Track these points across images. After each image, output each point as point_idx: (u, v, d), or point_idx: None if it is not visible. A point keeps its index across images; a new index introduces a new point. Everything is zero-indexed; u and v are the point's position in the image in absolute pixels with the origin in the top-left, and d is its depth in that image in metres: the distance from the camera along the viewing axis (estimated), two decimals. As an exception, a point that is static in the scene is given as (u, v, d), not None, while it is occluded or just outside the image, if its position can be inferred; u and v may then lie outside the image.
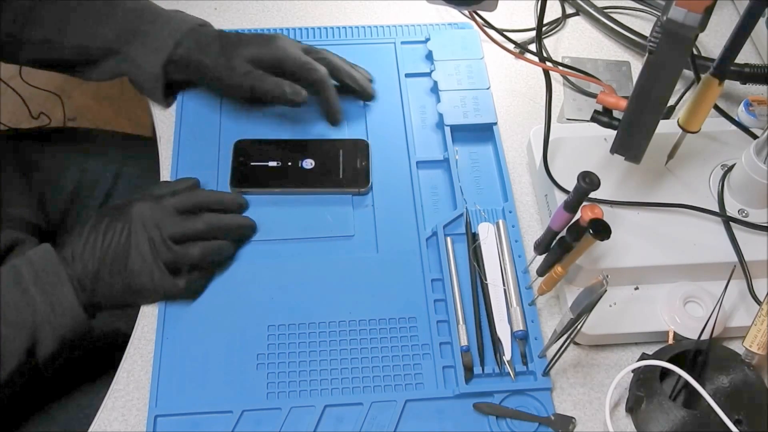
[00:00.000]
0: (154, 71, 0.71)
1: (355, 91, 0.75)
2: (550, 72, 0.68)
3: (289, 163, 0.71)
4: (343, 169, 0.71)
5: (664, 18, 0.50)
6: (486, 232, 0.67)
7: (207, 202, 0.66)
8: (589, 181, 0.51)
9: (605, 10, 0.84)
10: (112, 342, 0.68)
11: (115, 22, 0.71)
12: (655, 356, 0.58)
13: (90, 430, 0.58)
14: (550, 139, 0.67)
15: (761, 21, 0.76)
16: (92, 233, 0.61)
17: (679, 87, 0.76)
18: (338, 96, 0.73)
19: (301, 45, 0.73)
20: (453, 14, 0.85)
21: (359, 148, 0.72)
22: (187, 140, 0.73)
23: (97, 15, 0.71)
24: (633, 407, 0.58)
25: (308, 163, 0.71)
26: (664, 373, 0.57)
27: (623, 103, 0.58)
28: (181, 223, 0.62)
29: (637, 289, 0.63)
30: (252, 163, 0.71)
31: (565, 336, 0.56)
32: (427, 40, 0.81)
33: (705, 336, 0.58)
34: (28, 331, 0.57)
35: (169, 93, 0.75)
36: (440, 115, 0.75)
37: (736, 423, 0.53)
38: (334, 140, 0.73)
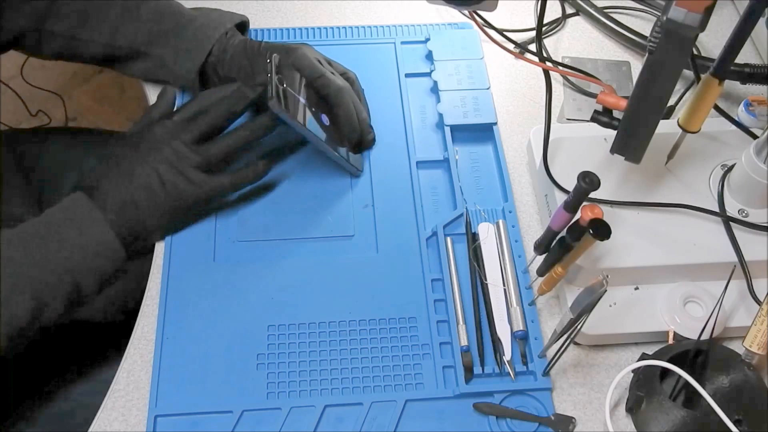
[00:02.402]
0: (189, 77, 0.72)
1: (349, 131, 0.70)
2: (550, 72, 0.68)
3: (313, 109, 0.68)
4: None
5: (664, 18, 0.50)
6: (486, 232, 0.67)
7: (210, 102, 0.66)
8: (589, 181, 0.51)
9: (605, 10, 0.84)
10: (110, 341, 0.68)
11: (138, 22, 0.71)
12: (655, 356, 0.58)
13: (90, 430, 0.58)
14: (550, 139, 0.67)
15: (761, 21, 0.75)
16: (113, 167, 0.62)
17: (679, 87, 0.76)
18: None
19: (324, 58, 0.72)
20: (453, 14, 0.85)
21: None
22: (187, 140, 0.73)
23: (119, 13, 0.71)
24: (633, 407, 0.58)
25: (325, 119, 0.70)
26: (664, 373, 0.57)
27: (623, 103, 0.58)
28: (195, 127, 0.64)
29: (637, 289, 0.63)
30: (286, 86, 0.65)
31: (565, 336, 0.56)
32: (427, 40, 0.81)
33: (705, 336, 0.58)
34: (70, 274, 0.58)
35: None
36: (440, 115, 0.75)
37: (736, 423, 0.53)
38: None
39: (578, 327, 0.54)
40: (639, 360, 0.58)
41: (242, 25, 0.76)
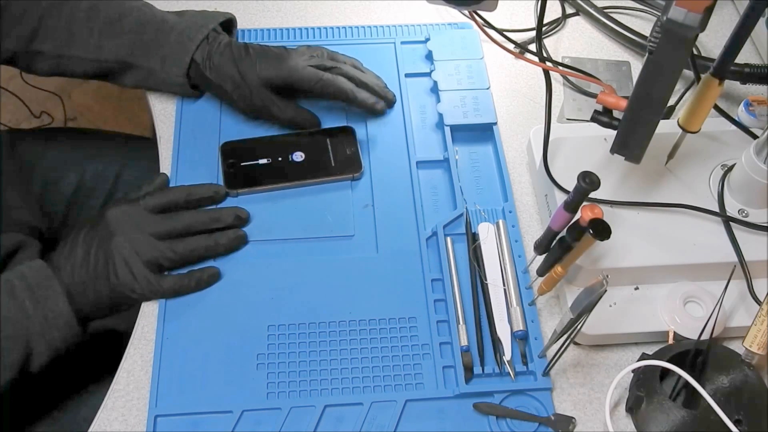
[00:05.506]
0: (179, 82, 0.72)
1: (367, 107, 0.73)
2: (550, 72, 0.68)
3: (279, 159, 0.71)
4: (334, 157, 0.72)
5: (664, 18, 0.50)
6: (486, 232, 0.67)
7: (179, 198, 0.66)
8: (589, 181, 0.51)
9: (605, 10, 0.84)
10: (110, 342, 0.68)
11: (122, 34, 0.71)
12: (655, 356, 0.58)
13: (90, 430, 0.58)
14: (550, 139, 0.67)
15: (761, 21, 0.76)
16: (74, 244, 0.61)
17: (679, 87, 0.76)
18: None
19: (313, 59, 0.71)
20: (453, 14, 0.85)
21: (345, 135, 0.73)
22: (187, 140, 0.73)
23: (103, 28, 0.71)
24: (633, 407, 0.58)
25: (298, 156, 0.72)
26: (664, 373, 0.57)
27: (623, 103, 0.58)
28: (160, 222, 0.63)
29: (637, 289, 0.63)
30: (242, 164, 0.71)
31: (565, 336, 0.56)
32: (427, 40, 0.81)
33: (705, 336, 0.58)
34: (23, 343, 0.57)
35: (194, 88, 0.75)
36: (440, 115, 0.75)
37: (736, 423, 0.53)
38: (320, 131, 0.74)
39: (578, 327, 0.54)
40: (639, 360, 0.58)
41: (228, 23, 0.76)
